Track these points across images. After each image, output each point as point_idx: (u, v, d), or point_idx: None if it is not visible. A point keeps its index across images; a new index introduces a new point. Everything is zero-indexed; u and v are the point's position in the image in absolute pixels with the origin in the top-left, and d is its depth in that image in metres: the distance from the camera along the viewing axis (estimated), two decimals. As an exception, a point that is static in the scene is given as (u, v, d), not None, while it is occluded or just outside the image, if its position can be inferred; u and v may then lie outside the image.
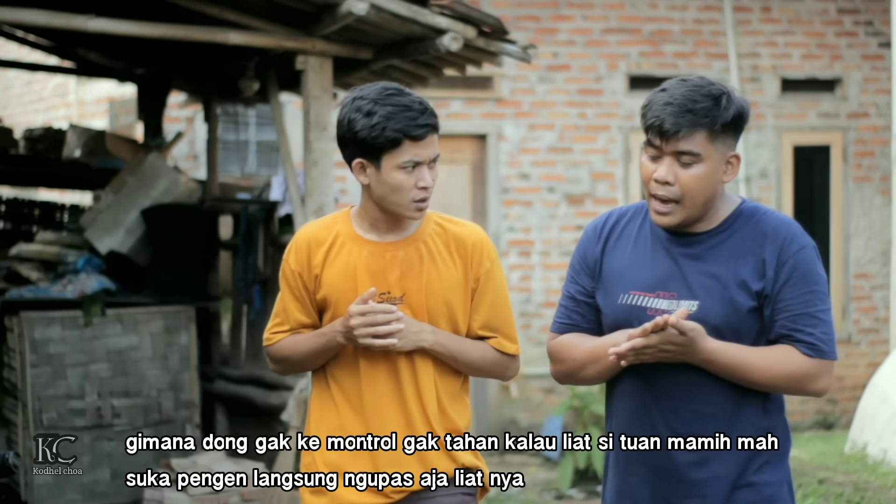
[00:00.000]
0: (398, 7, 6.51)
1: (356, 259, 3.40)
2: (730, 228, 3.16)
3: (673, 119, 3.05)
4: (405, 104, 3.29)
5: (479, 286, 3.45)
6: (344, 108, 3.34)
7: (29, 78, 14.20)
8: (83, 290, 7.91)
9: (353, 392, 3.42)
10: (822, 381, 3.17)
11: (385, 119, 3.27)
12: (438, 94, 10.72)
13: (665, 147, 3.09)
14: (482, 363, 3.47)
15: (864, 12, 11.72)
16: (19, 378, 7.56)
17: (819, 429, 11.44)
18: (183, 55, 8.97)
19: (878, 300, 11.73)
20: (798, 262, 3.12)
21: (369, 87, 3.35)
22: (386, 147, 3.29)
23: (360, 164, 3.34)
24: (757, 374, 3.10)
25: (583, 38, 11.21)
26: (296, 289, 3.44)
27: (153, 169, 8.72)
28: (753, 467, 3.18)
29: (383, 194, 3.34)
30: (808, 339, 3.12)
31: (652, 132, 3.10)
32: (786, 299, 3.10)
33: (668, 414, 3.16)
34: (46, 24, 6.89)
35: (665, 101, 3.08)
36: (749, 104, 3.17)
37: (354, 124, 3.29)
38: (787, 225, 3.16)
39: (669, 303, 3.14)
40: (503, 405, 11.02)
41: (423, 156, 3.32)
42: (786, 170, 11.62)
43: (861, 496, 7.45)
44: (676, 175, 3.09)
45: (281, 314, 3.49)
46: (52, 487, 7.50)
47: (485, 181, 11.09)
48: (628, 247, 3.24)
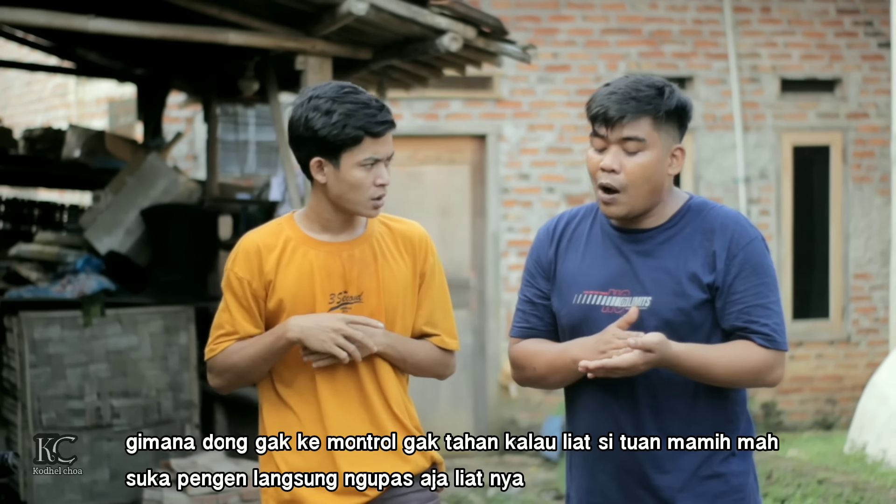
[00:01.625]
0: (398, 7, 6.51)
1: (312, 261, 3.38)
2: (679, 223, 3.21)
3: (618, 106, 3.11)
4: (363, 101, 3.30)
5: (424, 282, 3.48)
6: (299, 107, 3.34)
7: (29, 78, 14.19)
8: (82, 291, 7.91)
9: (309, 394, 3.39)
10: (778, 372, 3.21)
11: (345, 116, 3.27)
12: (438, 95, 10.72)
13: (610, 135, 3.13)
14: (427, 363, 3.49)
15: (864, 13, 11.72)
16: (18, 378, 7.56)
17: (818, 429, 11.45)
18: (183, 55, 8.97)
19: (878, 300, 11.73)
20: (749, 255, 3.16)
21: (324, 86, 3.35)
22: (347, 144, 3.29)
23: (318, 162, 3.33)
24: (720, 372, 3.14)
25: (582, 39, 11.22)
26: (243, 298, 3.39)
27: (153, 169, 8.71)
28: (719, 458, 3.21)
29: (341, 192, 3.34)
30: (764, 331, 3.16)
31: (598, 122, 3.15)
32: (739, 291, 3.15)
33: (630, 410, 3.19)
34: (46, 24, 6.89)
35: (609, 91, 3.14)
36: (691, 102, 3.23)
37: (313, 123, 3.29)
38: (734, 218, 3.21)
39: (623, 300, 3.18)
40: (502, 405, 11.02)
41: (382, 153, 3.32)
42: (785, 170, 11.62)
43: (860, 496, 7.45)
44: (622, 163, 3.13)
45: (226, 324, 3.42)
46: (52, 487, 7.50)
47: (484, 181, 11.09)
48: (580, 247, 3.28)
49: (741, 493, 3.23)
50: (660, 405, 3.19)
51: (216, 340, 3.43)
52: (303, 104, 3.33)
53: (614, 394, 3.20)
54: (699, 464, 3.19)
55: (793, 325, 11.32)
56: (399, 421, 3.42)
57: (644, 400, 3.19)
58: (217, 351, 3.42)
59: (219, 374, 3.45)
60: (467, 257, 11.11)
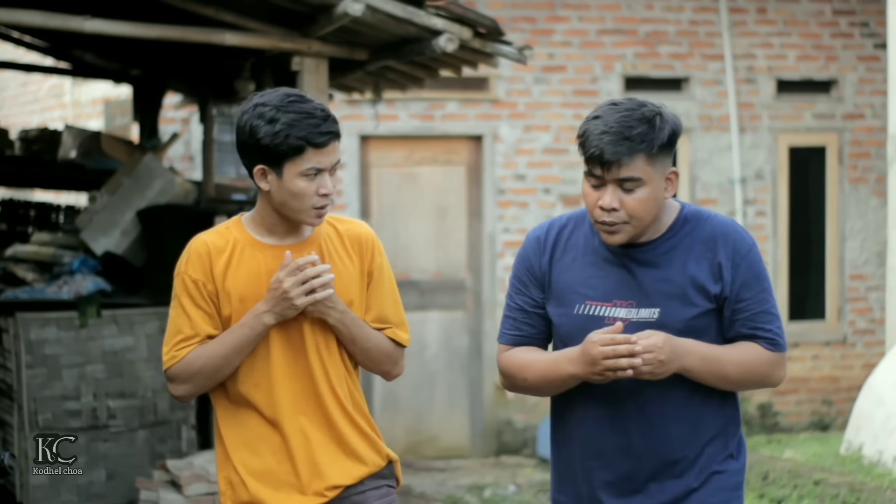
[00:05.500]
0: (394, 8, 6.51)
1: (259, 264, 3.38)
2: (678, 234, 3.24)
3: (612, 148, 3.12)
4: (308, 111, 3.28)
5: (372, 280, 3.48)
6: (245, 114, 3.31)
7: (24, 79, 14.18)
8: (79, 292, 7.91)
9: (264, 399, 3.38)
10: (782, 372, 3.28)
11: (288, 126, 3.25)
12: (434, 96, 10.73)
13: (607, 176, 3.15)
14: (376, 352, 3.46)
15: (860, 14, 11.73)
16: (15, 379, 7.56)
17: (815, 430, 11.45)
18: (179, 56, 8.97)
19: (874, 301, 11.74)
20: (751, 263, 3.23)
21: (270, 94, 3.33)
22: (289, 154, 3.27)
23: (262, 170, 3.31)
24: (731, 370, 3.20)
25: (578, 40, 11.22)
26: (200, 298, 3.37)
27: (149, 170, 8.71)
28: (720, 458, 3.26)
29: (284, 201, 3.32)
30: (768, 336, 3.23)
31: (592, 163, 3.16)
32: (745, 300, 3.21)
33: (634, 418, 3.22)
34: (42, 25, 6.88)
35: (601, 129, 3.15)
36: (679, 119, 3.25)
37: (257, 131, 3.27)
38: (733, 227, 3.27)
39: (628, 311, 3.20)
40: (498, 406, 11.02)
41: (326, 163, 3.30)
42: (781, 171, 11.63)
43: (857, 497, 7.45)
44: (621, 200, 3.15)
45: (185, 329, 3.37)
46: (48, 488, 7.49)
47: (480, 182, 11.09)
48: (577, 257, 3.29)
49: (738, 492, 3.27)
50: (664, 411, 3.21)
51: (177, 347, 3.38)
52: (248, 111, 3.31)
53: (615, 402, 3.22)
54: (701, 467, 3.23)
55: (789, 327, 11.32)
56: (351, 417, 3.42)
57: (647, 408, 3.21)
58: (179, 357, 3.38)
59: (185, 381, 3.40)
60: (463, 258, 11.11)
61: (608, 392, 3.20)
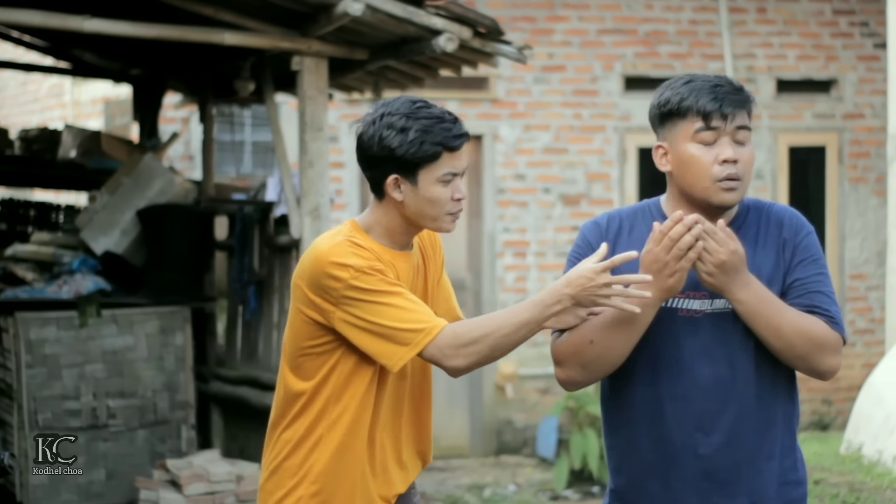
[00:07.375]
0: (394, 8, 6.51)
1: (400, 272, 3.30)
2: (746, 222, 3.22)
3: (733, 97, 3.13)
4: (437, 116, 3.22)
5: (441, 274, 3.50)
6: (370, 126, 3.24)
7: (24, 78, 14.19)
8: (78, 291, 7.91)
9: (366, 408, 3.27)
10: (836, 359, 3.16)
11: (422, 133, 3.19)
12: (434, 95, 10.71)
13: (726, 127, 3.13)
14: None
15: (860, 13, 11.73)
16: (14, 379, 7.56)
17: (815, 429, 11.45)
18: (178, 56, 8.97)
19: (874, 301, 11.74)
20: (808, 245, 3.20)
21: (393, 103, 3.26)
22: (425, 161, 3.20)
23: (395, 180, 3.23)
24: (786, 326, 3.11)
25: (578, 39, 11.22)
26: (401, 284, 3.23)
27: (149, 170, 8.71)
28: (787, 465, 3.22)
29: (419, 209, 3.25)
30: (828, 314, 3.15)
31: (710, 117, 3.12)
32: (801, 278, 3.17)
33: (708, 411, 3.15)
34: (42, 24, 6.89)
35: (713, 83, 3.15)
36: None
37: (389, 141, 3.20)
38: (792, 212, 3.26)
39: (702, 303, 3.16)
40: (498, 406, 11.02)
41: (459, 167, 3.25)
42: (781, 171, 11.63)
43: (856, 497, 7.45)
44: (738, 153, 3.14)
45: (425, 318, 3.17)
46: (48, 488, 7.50)
47: (480, 182, 11.09)
48: (642, 248, 3.17)
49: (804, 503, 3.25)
50: (732, 429, 3.15)
51: (424, 322, 3.16)
52: (374, 122, 3.23)
53: (694, 393, 3.15)
54: (778, 471, 3.20)
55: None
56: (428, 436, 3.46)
57: (720, 399, 3.15)
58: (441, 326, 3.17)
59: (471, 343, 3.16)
60: (463, 258, 11.11)
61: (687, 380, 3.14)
